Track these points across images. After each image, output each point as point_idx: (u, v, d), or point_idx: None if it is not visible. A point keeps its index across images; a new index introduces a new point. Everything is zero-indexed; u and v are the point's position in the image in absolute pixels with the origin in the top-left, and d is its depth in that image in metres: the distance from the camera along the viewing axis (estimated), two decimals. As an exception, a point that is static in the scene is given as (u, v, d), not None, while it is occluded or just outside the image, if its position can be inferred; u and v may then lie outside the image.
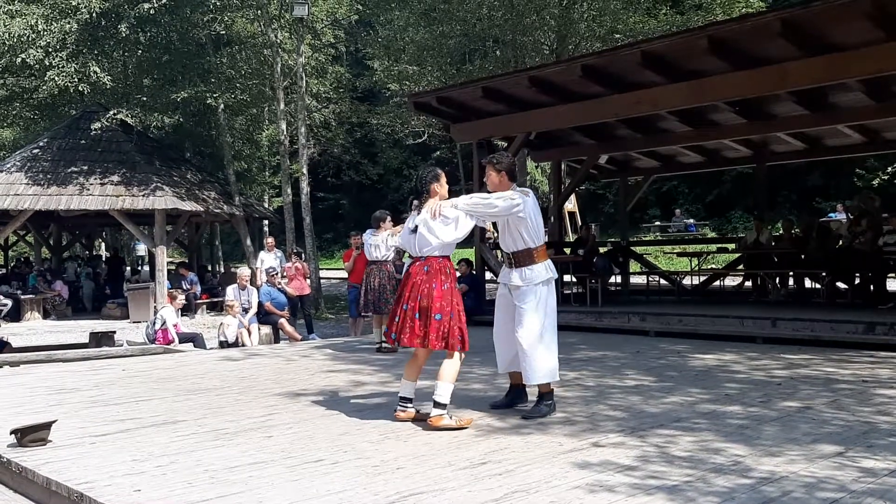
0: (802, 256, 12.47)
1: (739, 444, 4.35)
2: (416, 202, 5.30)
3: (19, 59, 18.04)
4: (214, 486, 3.74)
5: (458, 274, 11.24)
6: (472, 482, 3.73)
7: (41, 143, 19.91)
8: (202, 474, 3.95)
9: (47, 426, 4.74)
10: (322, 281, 23.13)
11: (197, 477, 3.90)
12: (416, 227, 5.12)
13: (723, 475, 3.75)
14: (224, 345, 11.79)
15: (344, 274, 23.37)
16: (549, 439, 4.57)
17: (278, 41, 20.26)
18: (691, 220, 28.68)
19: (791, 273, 12.68)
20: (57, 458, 4.31)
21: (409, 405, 5.07)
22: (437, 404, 4.89)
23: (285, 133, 21.02)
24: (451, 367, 4.98)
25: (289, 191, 21.37)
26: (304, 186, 20.94)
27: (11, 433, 4.64)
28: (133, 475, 3.95)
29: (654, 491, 3.53)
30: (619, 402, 5.68)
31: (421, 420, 5.01)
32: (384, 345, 8.98)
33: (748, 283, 14.38)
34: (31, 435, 4.62)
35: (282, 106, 20.77)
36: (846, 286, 11.84)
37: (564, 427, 4.89)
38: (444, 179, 5.32)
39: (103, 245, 37.65)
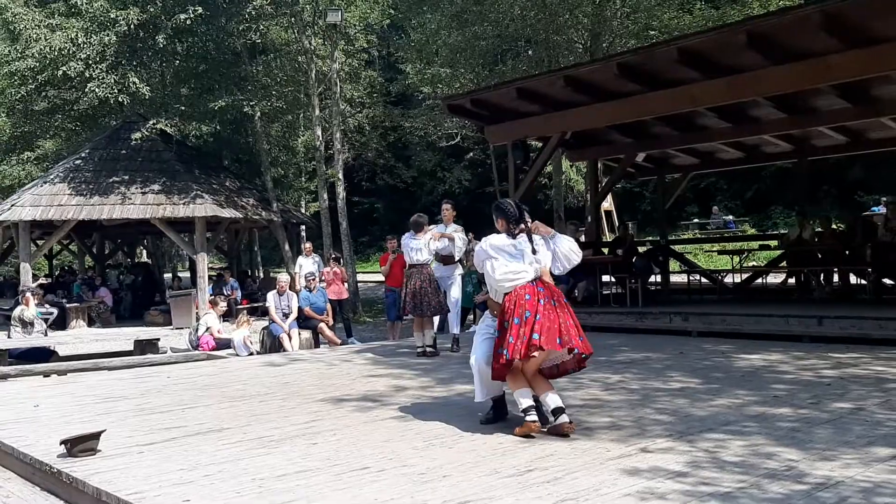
0: (847, 252, 12.23)
1: (792, 447, 4.26)
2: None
3: (60, 72, 18.35)
4: (263, 496, 3.75)
5: None
6: (520, 490, 3.70)
7: (83, 154, 20.25)
8: (250, 483, 3.97)
9: (96, 436, 4.80)
10: (358, 284, 23.22)
11: (245, 486, 3.92)
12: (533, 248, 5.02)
13: (777, 481, 3.67)
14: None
15: (380, 277, 23.53)
16: (595, 445, 4.52)
17: (312, 48, 20.39)
18: (730, 217, 28.22)
19: (836, 269, 12.43)
20: (106, 469, 4.36)
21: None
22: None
23: (321, 139, 21.14)
24: None
25: (325, 196, 21.48)
26: (340, 191, 21.05)
27: (61, 443, 4.71)
28: (182, 485, 3.99)
29: (706, 498, 3.47)
30: (665, 405, 5.61)
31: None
32: (428, 349, 8.99)
33: (791, 281, 14.13)
34: (80, 445, 4.69)
35: (317, 112, 20.90)
36: (893, 282, 11.58)
37: (611, 432, 4.83)
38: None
39: (145, 253, 38.24)
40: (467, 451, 4.49)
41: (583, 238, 14.47)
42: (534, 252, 4.99)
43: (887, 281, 11.68)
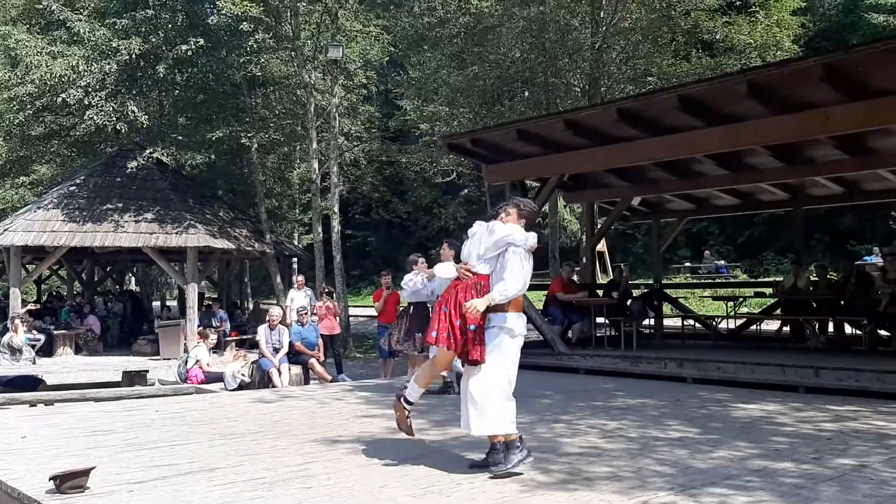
0: (842, 302, 12.23)
1: (797, 506, 4.18)
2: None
3: (59, 99, 18.38)
4: (257, 543, 3.64)
5: None
6: (522, 544, 3.60)
7: (78, 181, 20.19)
8: (243, 529, 3.86)
9: (86, 473, 4.68)
10: (350, 319, 23.08)
11: (238, 532, 3.81)
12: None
13: (785, 542, 3.59)
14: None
15: (372, 312, 23.39)
16: (597, 497, 4.43)
17: (312, 81, 20.51)
18: (722, 262, 28.30)
19: (831, 319, 12.42)
20: (96, 508, 4.24)
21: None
22: None
23: (317, 171, 21.17)
24: None
25: (319, 228, 21.44)
26: (335, 224, 21.02)
27: (50, 479, 4.59)
28: (173, 528, 3.88)
29: (714, 558, 3.38)
30: (665, 455, 5.52)
31: None
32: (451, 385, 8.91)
33: (786, 329, 14.11)
34: (69, 482, 4.57)
35: (314, 145, 20.95)
36: (889, 334, 11.56)
37: (612, 483, 4.74)
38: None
39: (133, 280, 38.00)
40: (466, 500, 4.40)
41: (576, 279, 14.42)
42: None
43: (883, 333, 11.66)
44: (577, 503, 4.30)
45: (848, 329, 12.56)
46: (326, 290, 15.85)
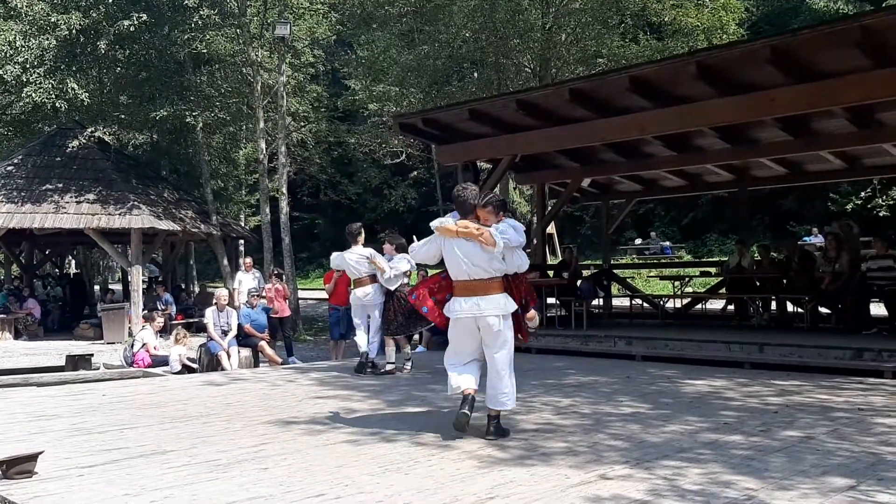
0: (785, 281, 12.54)
1: (749, 476, 4.27)
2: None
3: (-5, 75, 17.79)
4: (215, 524, 3.58)
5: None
6: (483, 519, 3.61)
7: (15, 161, 19.56)
8: (200, 510, 3.79)
9: (33, 457, 4.54)
10: (299, 302, 22.87)
11: (195, 513, 3.74)
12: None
13: (739, 511, 3.67)
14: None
15: (321, 294, 23.21)
16: (554, 471, 4.47)
17: (258, 60, 20.14)
18: (667, 243, 28.83)
19: (774, 297, 12.73)
20: (45, 493, 4.12)
21: None
22: None
23: (265, 152, 20.85)
24: None
25: (267, 210, 21.16)
26: (284, 206, 20.74)
27: (-5, 465, 4.45)
28: (127, 511, 3.79)
29: (672, 528, 3.44)
30: (618, 430, 5.60)
31: None
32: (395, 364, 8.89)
33: (731, 308, 14.42)
34: (16, 467, 4.43)
35: (261, 124, 20.62)
36: (829, 311, 11.91)
37: (568, 458, 4.79)
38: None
39: (74, 263, 37.05)
40: (425, 478, 4.39)
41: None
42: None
43: (823, 310, 12.00)
44: (534, 478, 4.33)
45: (790, 307, 12.90)
46: (276, 273, 15.66)
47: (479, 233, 5.20)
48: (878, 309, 11.42)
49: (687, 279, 16.30)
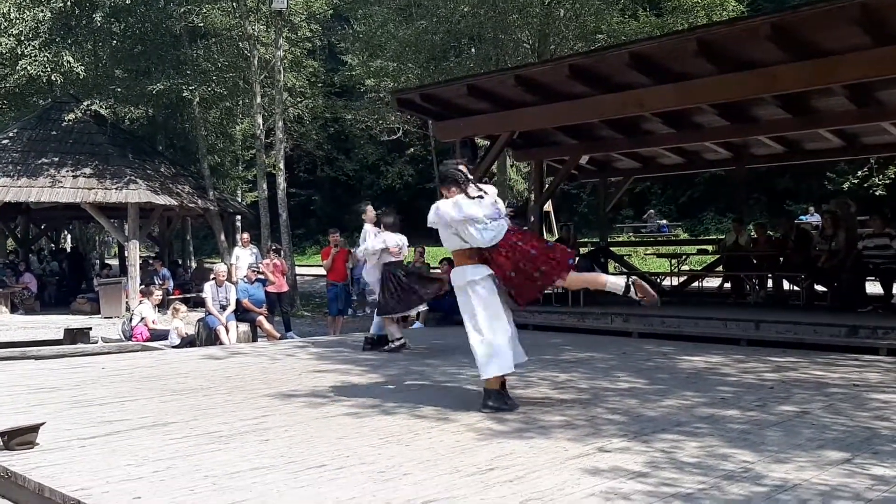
0: (781, 259, 12.58)
1: (745, 449, 4.32)
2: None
3: (-11, 48, 17.66)
4: (218, 494, 3.61)
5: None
6: (483, 490, 3.65)
7: (10, 134, 19.45)
8: (203, 480, 3.82)
9: (35, 429, 4.57)
10: (297, 278, 22.89)
11: (198, 483, 3.77)
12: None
13: (736, 483, 3.71)
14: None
15: (318, 270, 23.23)
16: (553, 444, 4.51)
17: (255, 34, 20.00)
18: (664, 221, 28.89)
19: (770, 275, 12.78)
20: (47, 463, 4.15)
21: None
22: None
23: (261, 127, 20.76)
24: None
25: (264, 186, 21.11)
26: (281, 181, 20.70)
27: (-3, 435, 4.48)
28: (130, 481, 3.82)
29: (670, 499, 3.48)
30: (616, 405, 5.64)
31: None
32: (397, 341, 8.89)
33: (727, 285, 14.48)
34: (18, 438, 4.46)
35: (258, 99, 20.52)
36: (825, 289, 11.96)
37: (566, 431, 4.83)
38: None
39: (69, 238, 36.97)
40: (425, 449, 4.43)
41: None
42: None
43: (819, 288, 12.05)
44: (534, 450, 4.37)
45: (786, 285, 12.96)
46: (274, 248, 15.65)
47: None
48: (873, 287, 11.48)
49: (684, 257, 16.33)
